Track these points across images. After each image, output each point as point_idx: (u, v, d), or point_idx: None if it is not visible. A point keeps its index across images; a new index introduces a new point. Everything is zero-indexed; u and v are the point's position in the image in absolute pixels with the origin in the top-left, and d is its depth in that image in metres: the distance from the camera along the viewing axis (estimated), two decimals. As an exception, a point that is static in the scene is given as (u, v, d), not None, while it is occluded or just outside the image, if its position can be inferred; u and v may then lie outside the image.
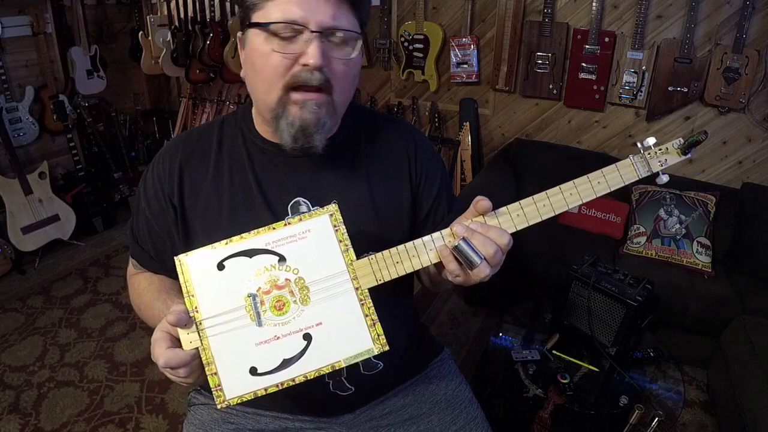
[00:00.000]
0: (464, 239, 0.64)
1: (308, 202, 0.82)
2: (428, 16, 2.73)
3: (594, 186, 0.67)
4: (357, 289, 0.65)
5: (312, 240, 0.65)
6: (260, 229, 0.66)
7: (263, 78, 0.72)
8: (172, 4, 3.18)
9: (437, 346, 1.06)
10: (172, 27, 3.20)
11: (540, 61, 2.51)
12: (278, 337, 0.63)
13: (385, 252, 0.67)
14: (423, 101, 2.97)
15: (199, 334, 0.63)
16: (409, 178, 0.88)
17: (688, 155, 0.66)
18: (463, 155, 2.81)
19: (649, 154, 0.67)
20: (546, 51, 2.48)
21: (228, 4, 3.08)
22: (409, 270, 0.67)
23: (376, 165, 0.86)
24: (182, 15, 3.16)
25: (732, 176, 2.34)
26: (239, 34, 0.77)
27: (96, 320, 2.33)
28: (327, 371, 0.64)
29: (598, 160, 2.48)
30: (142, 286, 0.88)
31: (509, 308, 1.86)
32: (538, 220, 0.68)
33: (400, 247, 0.67)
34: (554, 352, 1.60)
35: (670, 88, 2.28)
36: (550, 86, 2.54)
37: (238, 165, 0.83)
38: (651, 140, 0.66)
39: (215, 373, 0.63)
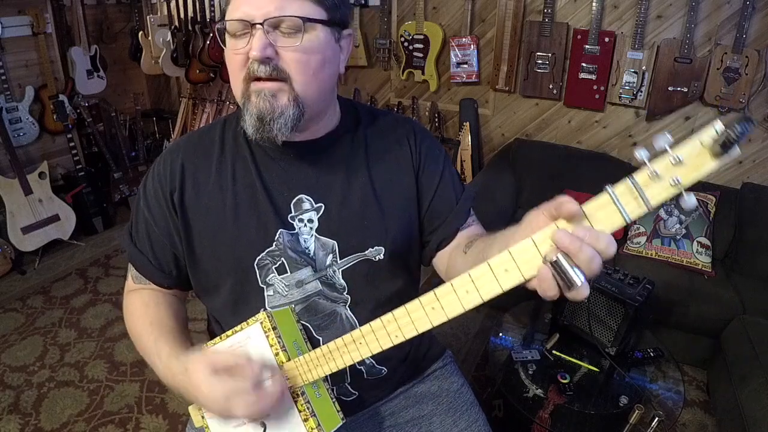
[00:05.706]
0: (563, 253, 0.49)
1: (311, 199, 0.82)
2: (428, 16, 2.73)
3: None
4: (290, 387, 0.72)
5: (254, 344, 0.75)
6: (215, 339, 0.79)
7: (231, 75, 0.76)
8: (172, 4, 3.18)
9: (439, 348, 1.06)
10: (172, 27, 3.19)
11: (540, 61, 2.50)
12: (246, 422, 0.76)
13: (312, 353, 0.71)
14: (423, 101, 2.97)
15: (201, 416, 0.81)
16: (412, 166, 0.88)
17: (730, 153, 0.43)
18: (463, 155, 2.81)
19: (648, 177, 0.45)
20: (546, 51, 2.48)
21: (228, 4, 3.08)
22: (332, 370, 0.68)
23: (377, 158, 0.86)
24: (182, 15, 3.16)
25: (732, 176, 2.34)
26: None
27: (96, 320, 2.33)
28: None
29: (599, 160, 2.49)
30: (136, 307, 0.87)
31: (509, 308, 1.86)
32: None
33: (324, 348, 0.69)
34: (554, 352, 1.60)
35: (670, 88, 2.28)
36: (550, 86, 2.54)
37: (241, 163, 0.83)
38: (643, 153, 0.46)
39: None
